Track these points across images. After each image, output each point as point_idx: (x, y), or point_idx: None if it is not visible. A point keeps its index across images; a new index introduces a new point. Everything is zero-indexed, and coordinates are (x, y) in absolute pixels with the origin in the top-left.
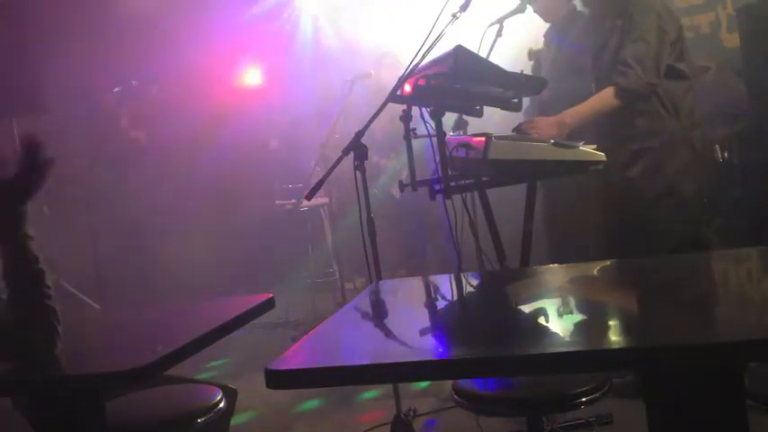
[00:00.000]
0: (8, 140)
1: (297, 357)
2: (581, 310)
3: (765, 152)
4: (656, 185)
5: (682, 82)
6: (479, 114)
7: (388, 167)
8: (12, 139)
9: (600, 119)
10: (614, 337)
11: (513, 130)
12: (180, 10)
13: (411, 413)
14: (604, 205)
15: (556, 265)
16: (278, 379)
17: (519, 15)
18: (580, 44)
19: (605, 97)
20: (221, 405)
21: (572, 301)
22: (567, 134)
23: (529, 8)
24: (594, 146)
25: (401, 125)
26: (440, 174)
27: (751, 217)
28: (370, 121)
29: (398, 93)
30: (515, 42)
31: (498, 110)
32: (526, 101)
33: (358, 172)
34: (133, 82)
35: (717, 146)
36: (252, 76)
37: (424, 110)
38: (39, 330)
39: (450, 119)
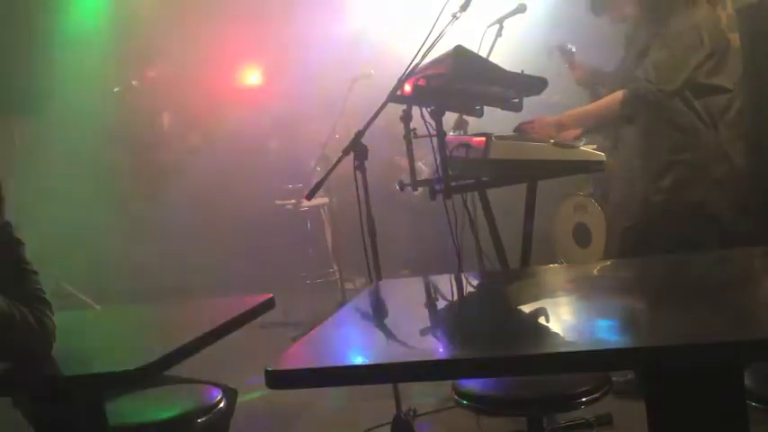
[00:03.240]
0: (8, 140)
1: (297, 357)
2: (581, 310)
3: (766, 152)
4: (686, 199)
5: (721, 96)
6: (479, 114)
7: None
8: (11, 139)
9: (603, 123)
10: (614, 337)
11: (514, 131)
12: (180, 10)
13: (411, 413)
14: (635, 212)
15: (556, 264)
16: (278, 379)
17: (519, 15)
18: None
19: (611, 102)
20: (221, 405)
21: (572, 301)
22: (568, 135)
23: (529, 8)
24: (595, 146)
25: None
26: (440, 174)
27: (751, 217)
28: (371, 121)
29: (398, 93)
30: (515, 42)
31: (498, 110)
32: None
33: (358, 172)
34: (133, 82)
35: None
36: (252, 76)
37: (424, 110)
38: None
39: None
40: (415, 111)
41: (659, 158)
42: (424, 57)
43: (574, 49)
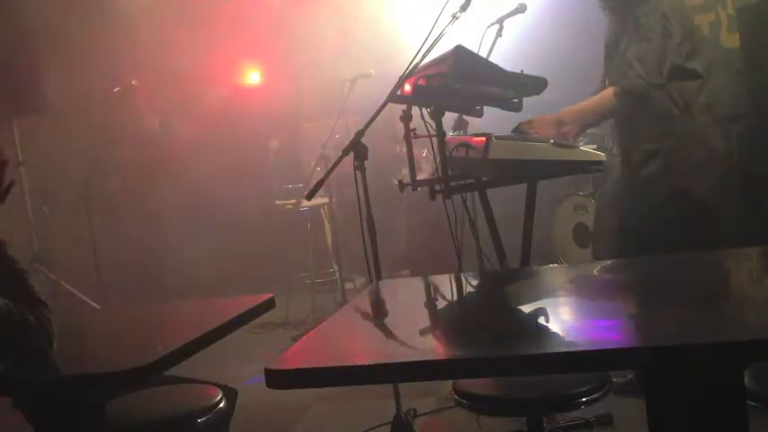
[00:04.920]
0: (8, 140)
1: (297, 357)
2: (581, 310)
3: (765, 152)
4: (668, 186)
5: (694, 81)
6: (479, 114)
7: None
8: (12, 139)
9: (600, 119)
10: (614, 337)
11: (513, 131)
12: (181, 10)
13: (411, 413)
14: (620, 204)
15: (556, 264)
16: (278, 379)
17: (519, 15)
18: None
19: (605, 97)
20: (221, 405)
21: (572, 301)
22: (568, 132)
23: (529, 8)
24: (595, 146)
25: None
26: (440, 174)
27: (751, 217)
28: (371, 121)
29: (398, 93)
30: (515, 42)
31: (498, 110)
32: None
33: (358, 172)
34: (133, 82)
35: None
36: (252, 76)
37: (424, 110)
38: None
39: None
40: (415, 111)
41: (641, 146)
42: (424, 57)
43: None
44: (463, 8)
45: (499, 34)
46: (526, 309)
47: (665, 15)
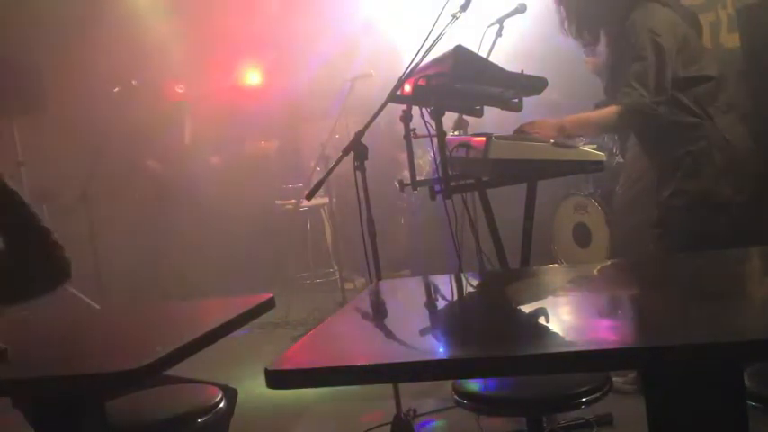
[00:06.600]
0: (8, 140)
1: (297, 357)
2: (581, 310)
3: (766, 152)
4: (693, 190)
5: (705, 84)
6: (479, 114)
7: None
8: (12, 139)
9: (600, 133)
10: (614, 337)
11: (515, 132)
12: (179, 9)
13: (411, 413)
14: (648, 207)
15: (556, 264)
16: (278, 379)
17: (519, 15)
18: None
19: (608, 114)
20: (221, 405)
21: (572, 301)
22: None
23: (529, 8)
24: (595, 146)
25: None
26: (440, 174)
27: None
28: (370, 122)
29: (398, 93)
30: (515, 42)
31: (498, 110)
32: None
33: (358, 172)
34: (133, 82)
35: None
36: (252, 76)
37: (424, 110)
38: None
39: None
40: (415, 111)
41: (667, 155)
42: (424, 57)
43: None
44: (463, 8)
45: (499, 34)
46: (526, 309)
47: (653, 30)
